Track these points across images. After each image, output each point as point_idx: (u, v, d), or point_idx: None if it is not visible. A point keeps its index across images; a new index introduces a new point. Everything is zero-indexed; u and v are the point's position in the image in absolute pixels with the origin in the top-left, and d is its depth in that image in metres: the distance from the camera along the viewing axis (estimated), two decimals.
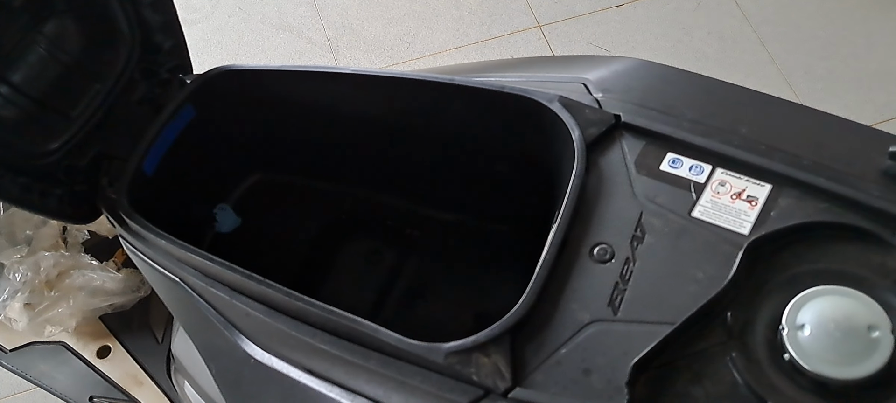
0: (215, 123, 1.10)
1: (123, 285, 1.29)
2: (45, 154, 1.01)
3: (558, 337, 0.73)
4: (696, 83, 0.96)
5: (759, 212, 0.78)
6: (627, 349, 0.71)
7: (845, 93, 1.95)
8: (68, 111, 1.04)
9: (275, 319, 0.82)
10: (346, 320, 0.77)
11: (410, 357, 0.73)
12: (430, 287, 1.13)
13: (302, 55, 2.13)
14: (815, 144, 0.85)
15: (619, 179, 0.83)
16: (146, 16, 1.08)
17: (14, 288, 1.26)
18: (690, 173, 0.82)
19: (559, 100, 0.89)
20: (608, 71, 0.97)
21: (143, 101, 1.09)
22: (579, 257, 0.78)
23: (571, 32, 2.12)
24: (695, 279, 0.74)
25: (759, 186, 0.80)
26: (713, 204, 0.79)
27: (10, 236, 1.30)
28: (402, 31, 2.14)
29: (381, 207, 1.18)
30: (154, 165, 1.03)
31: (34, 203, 0.98)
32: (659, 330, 0.71)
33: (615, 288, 0.75)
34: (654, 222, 0.79)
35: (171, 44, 1.11)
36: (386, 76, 1.00)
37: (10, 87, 1.01)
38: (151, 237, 0.91)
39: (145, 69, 1.10)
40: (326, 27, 2.18)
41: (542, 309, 0.74)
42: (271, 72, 1.06)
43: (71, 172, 1.03)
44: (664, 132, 0.85)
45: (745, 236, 0.76)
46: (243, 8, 2.26)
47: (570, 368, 0.71)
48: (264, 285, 0.81)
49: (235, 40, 2.20)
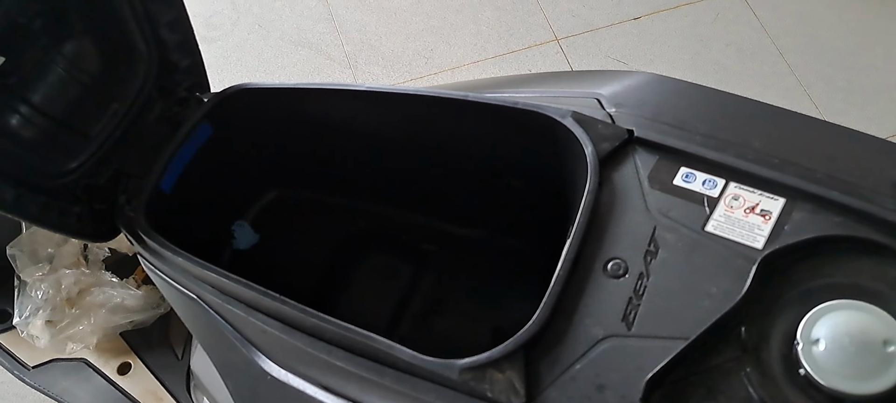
0: (232, 141, 1.11)
1: (143, 302, 1.31)
2: (65, 173, 1.03)
3: (572, 353, 0.73)
4: (708, 97, 0.96)
5: (772, 226, 0.77)
6: (641, 364, 0.70)
7: (866, 103, 1.93)
8: (87, 130, 1.06)
9: (291, 336, 0.82)
10: (360, 337, 0.77)
11: (425, 373, 0.74)
12: (446, 302, 1.13)
13: (321, 71, 2.14)
14: (829, 157, 0.84)
15: (632, 194, 0.83)
16: (163, 35, 1.09)
17: (36, 306, 1.28)
18: (704, 187, 0.82)
19: (572, 115, 0.89)
20: (621, 86, 0.97)
21: (161, 120, 1.10)
22: (593, 272, 0.78)
23: (589, 46, 2.12)
24: (708, 294, 0.74)
25: (773, 200, 0.79)
26: (727, 219, 0.79)
27: (31, 254, 1.32)
28: (421, 47, 2.15)
29: (397, 222, 1.18)
30: (172, 183, 1.04)
31: (54, 221, 1.00)
32: (673, 346, 0.71)
33: (629, 303, 0.75)
34: (668, 237, 0.79)
35: (188, 62, 1.12)
36: (400, 93, 1.01)
37: (31, 107, 1.02)
38: (168, 255, 0.92)
39: (162, 88, 1.11)
40: (345, 43, 2.19)
41: (556, 325, 0.74)
42: (287, 89, 1.07)
43: (90, 191, 1.04)
44: (677, 146, 0.85)
45: (758, 250, 0.76)
46: (263, 25, 2.28)
47: (584, 384, 0.71)
48: (279, 302, 0.82)
49: (255, 57, 2.22)
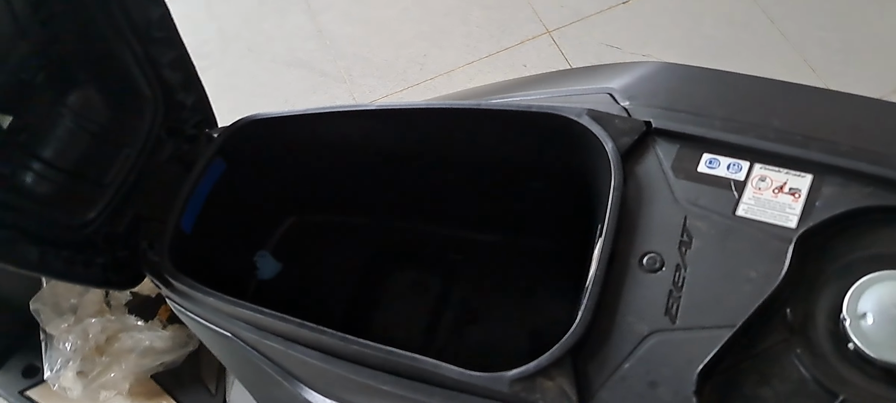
0: (246, 173, 1.11)
1: (172, 342, 1.30)
2: (84, 224, 1.02)
3: (619, 353, 0.73)
4: (721, 80, 0.96)
5: (803, 204, 0.77)
6: (691, 357, 0.70)
7: (864, 62, 1.93)
8: (101, 179, 1.05)
9: (332, 364, 0.82)
10: (405, 359, 0.77)
11: (474, 389, 0.73)
12: (479, 311, 1.13)
13: (316, 89, 2.14)
14: (851, 128, 0.85)
15: (658, 186, 0.83)
16: (166, 76, 1.09)
17: (65, 358, 1.28)
18: (729, 172, 0.82)
19: (588, 113, 0.89)
20: (632, 77, 0.97)
21: (173, 160, 1.10)
22: (629, 269, 0.78)
23: (581, 35, 2.12)
24: (748, 278, 0.74)
25: (801, 177, 0.79)
26: (756, 201, 0.79)
27: (54, 307, 1.31)
28: (413, 54, 2.15)
29: (420, 236, 1.18)
30: (191, 222, 1.04)
31: (79, 275, 0.99)
32: (720, 335, 0.71)
33: (669, 296, 0.75)
34: (700, 225, 0.79)
35: (194, 99, 1.12)
36: (413, 108, 1.00)
37: (43, 163, 1.02)
38: (199, 295, 0.92)
39: (171, 128, 1.11)
40: (337, 58, 2.19)
41: (600, 326, 0.74)
42: (297, 116, 1.07)
43: (110, 239, 1.04)
44: (697, 134, 0.85)
45: (793, 229, 0.76)
46: (253, 49, 2.28)
47: (635, 383, 0.71)
48: (318, 332, 0.82)
49: (248, 82, 2.21)
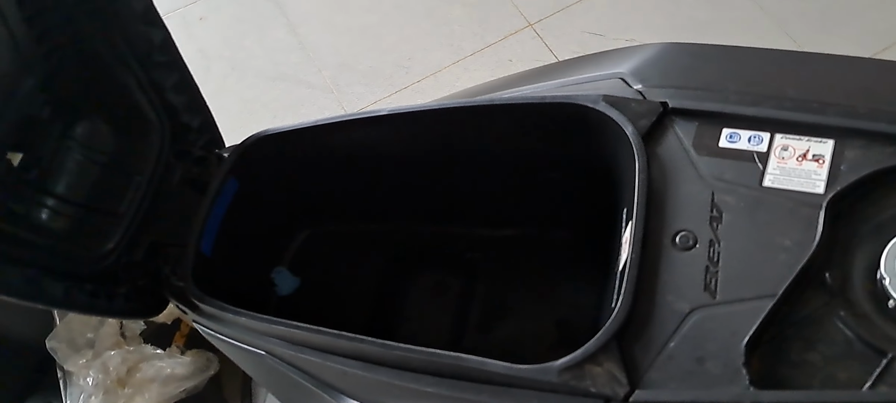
0: (258, 190, 1.10)
1: (193, 367, 1.29)
2: (103, 256, 1.01)
3: (664, 332, 0.73)
4: (729, 55, 0.97)
5: (829, 169, 0.78)
6: (735, 329, 0.71)
7: (843, 27, 1.96)
8: (115, 209, 1.04)
9: (374, 372, 0.82)
10: (449, 359, 0.77)
11: (523, 382, 0.74)
12: (503, 306, 1.13)
13: (304, 102, 2.13)
14: (864, 91, 0.86)
15: (681, 165, 0.84)
16: (170, 99, 1.08)
17: (87, 393, 1.26)
18: (750, 144, 0.83)
19: (604, 99, 0.89)
20: (641, 60, 0.97)
21: (184, 183, 1.09)
22: (663, 249, 0.78)
23: (563, 25, 2.13)
24: (783, 247, 0.75)
25: (822, 143, 0.80)
26: (781, 170, 0.80)
27: (70, 343, 1.30)
28: (398, 58, 2.15)
29: (437, 238, 1.18)
30: (210, 244, 1.03)
31: (104, 307, 0.98)
32: (761, 305, 0.72)
33: (707, 272, 0.76)
34: (728, 200, 0.80)
35: (200, 121, 1.12)
36: (423, 110, 1.00)
37: (56, 198, 1.01)
38: (229, 316, 0.91)
39: (179, 151, 1.10)
40: (322, 68, 2.18)
41: (641, 308, 0.74)
42: (306, 129, 1.06)
43: (130, 268, 1.03)
44: (714, 109, 0.86)
45: (821, 195, 0.77)
46: (236, 67, 2.26)
47: (683, 360, 0.71)
48: (357, 341, 0.82)
49: (235, 101, 2.20)
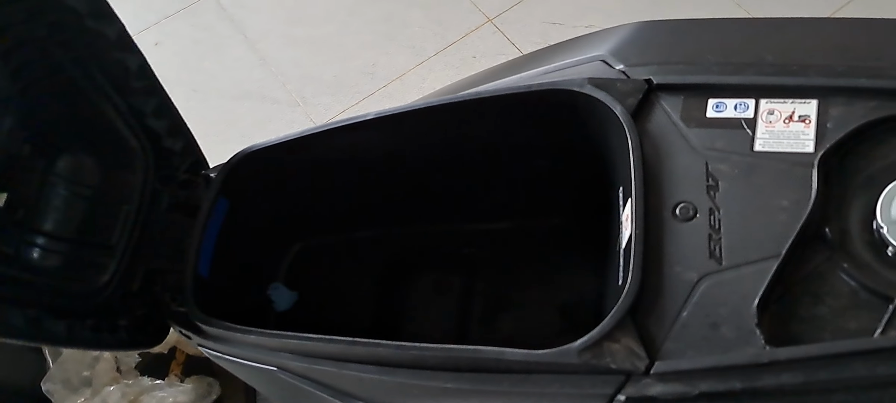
0: (249, 207, 1.10)
1: (194, 394, 1.28)
2: (100, 289, 1.00)
3: (675, 303, 0.75)
4: (705, 28, 1.00)
5: (816, 128, 0.81)
6: (744, 292, 0.73)
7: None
8: (107, 241, 1.03)
9: (391, 374, 0.82)
10: (467, 352, 0.78)
11: (543, 367, 0.75)
12: (505, 298, 1.14)
13: (271, 118, 2.11)
14: (840, 49, 0.88)
15: (672, 138, 0.86)
16: (151, 125, 1.08)
17: None
18: (737, 112, 0.85)
19: (589, 81, 0.91)
20: (619, 41, 0.99)
21: (172, 208, 1.08)
22: (665, 222, 0.80)
23: (522, 17, 2.14)
24: (781, 208, 0.77)
25: (807, 104, 0.83)
26: (770, 134, 0.82)
27: (66, 383, 1.28)
28: (362, 65, 2.14)
29: (433, 237, 1.18)
30: (208, 266, 1.02)
31: (107, 340, 0.98)
32: (767, 266, 0.74)
33: (710, 239, 0.77)
34: (722, 167, 0.82)
35: (182, 144, 1.11)
36: (407, 111, 1.00)
37: (45, 236, 1.00)
38: (237, 336, 0.91)
39: (164, 177, 1.09)
40: (286, 82, 2.17)
41: (650, 282, 0.76)
42: (291, 141, 1.06)
43: (128, 299, 1.02)
44: (698, 82, 0.88)
45: (812, 154, 0.79)
46: (197, 89, 2.23)
47: (697, 328, 0.73)
48: (372, 345, 0.82)
49: (199, 123, 2.12)
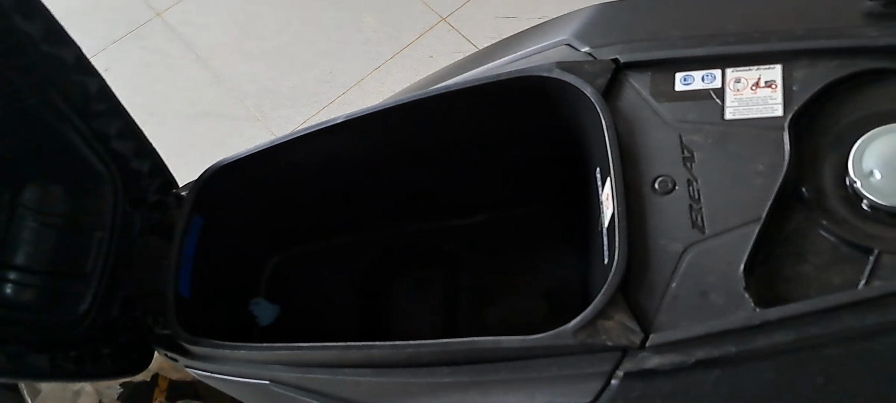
0: (222, 222, 1.08)
1: None
2: (79, 319, 0.98)
3: (663, 275, 0.76)
4: (666, 3, 1.01)
5: (782, 92, 0.83)
6: (730, 258, 0.74)
7: None
8: (82, 270, 1.01)
9: (387, 375, 0.82)
10: (463, 345, 0.78)
11: (539, 351, 0.75)
12: (490, 290, 1.14)
13: (231, 134, 2.10)
14: (799, 13, 0.90)
15: (644, 114, 0.87)
16: (117, 147, 1.06)
17: None
18: (705, 83, 0.87)
19: (557, 65, 0.92)
20: (582, 23, 1.00)
21: (145, 231, 1.07)
22: (645, 197, 0.81)
23: (475, 14, 2.16)
24: (757, 172, 0.78)
25: (771, 69, 0.85)
26: (739, 102, 0.84)
27: None
28: (318, 73, 2.14)
29: (412, 236, 1.18)
30: (187, 286, 1.01)
31: (91, 371, 0.96)
32: (750, 231, 0.75)
33: (691, 210, 0.79)
34: (696, 138, 0.83)
35: (149, 165, 1.09)
36: (379, 111, 1.00)
37: (17, 270, 0.98)
38: (226, 353, 0.90)
39: (134, 199, 1.07)
40: (243, 98, 2.15)
41: (637, 257, 0.77)
42: (261, 152, 1.05)
43: (108, 327, 1.00)
44: (664, 57, 0.89)
45: (781, 117, 0.81)
46: (153, 112, 2.20)
47: (687, 298, 0.74)
48: (366, 348, 0.82)
49: (158, 144, 2.09)
